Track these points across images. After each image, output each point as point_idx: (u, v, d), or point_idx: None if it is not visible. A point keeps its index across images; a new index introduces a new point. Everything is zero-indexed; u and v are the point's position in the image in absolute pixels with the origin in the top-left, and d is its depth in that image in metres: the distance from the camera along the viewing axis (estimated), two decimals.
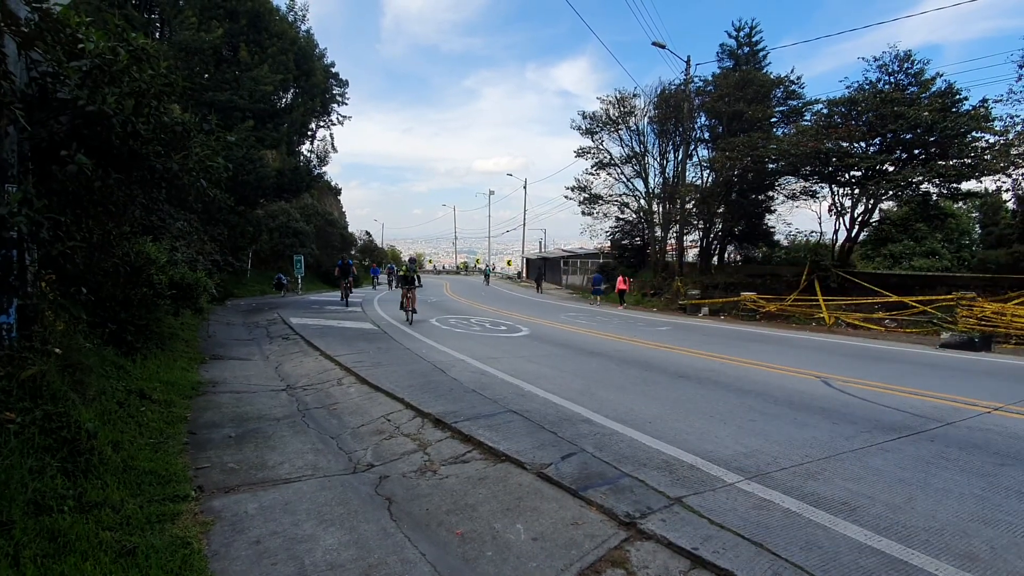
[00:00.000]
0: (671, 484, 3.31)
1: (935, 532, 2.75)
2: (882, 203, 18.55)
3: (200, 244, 12.47)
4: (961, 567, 2.41)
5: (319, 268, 34.31)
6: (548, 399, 5.39)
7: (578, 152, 27.25)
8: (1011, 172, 15.50)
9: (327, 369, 7.05)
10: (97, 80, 3.90)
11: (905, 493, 3.24)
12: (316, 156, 25.49)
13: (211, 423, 4.65)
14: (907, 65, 17.14)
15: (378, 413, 5.06)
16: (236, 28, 19.35)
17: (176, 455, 3.72)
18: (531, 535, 2.77)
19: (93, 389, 4.03)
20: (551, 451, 3.88)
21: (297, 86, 22.29)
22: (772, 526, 2.78)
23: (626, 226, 28.54)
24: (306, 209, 34.94)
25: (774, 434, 4.36)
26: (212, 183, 5.66)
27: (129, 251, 6.14)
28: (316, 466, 3.75)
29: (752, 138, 19.11)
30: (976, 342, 10.20)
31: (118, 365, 5.25)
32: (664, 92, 24.03)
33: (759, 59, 24.52)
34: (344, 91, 26.42)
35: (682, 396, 5.66)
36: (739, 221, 23.39)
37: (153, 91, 4.35)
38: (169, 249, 8.78)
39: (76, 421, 3.16)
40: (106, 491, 2.86)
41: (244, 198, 19.54)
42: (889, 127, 15.98)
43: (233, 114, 18.33)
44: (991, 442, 4.27)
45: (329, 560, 2.52)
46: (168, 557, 2.40)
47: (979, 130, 15.48)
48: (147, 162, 4.45)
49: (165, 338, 7.19)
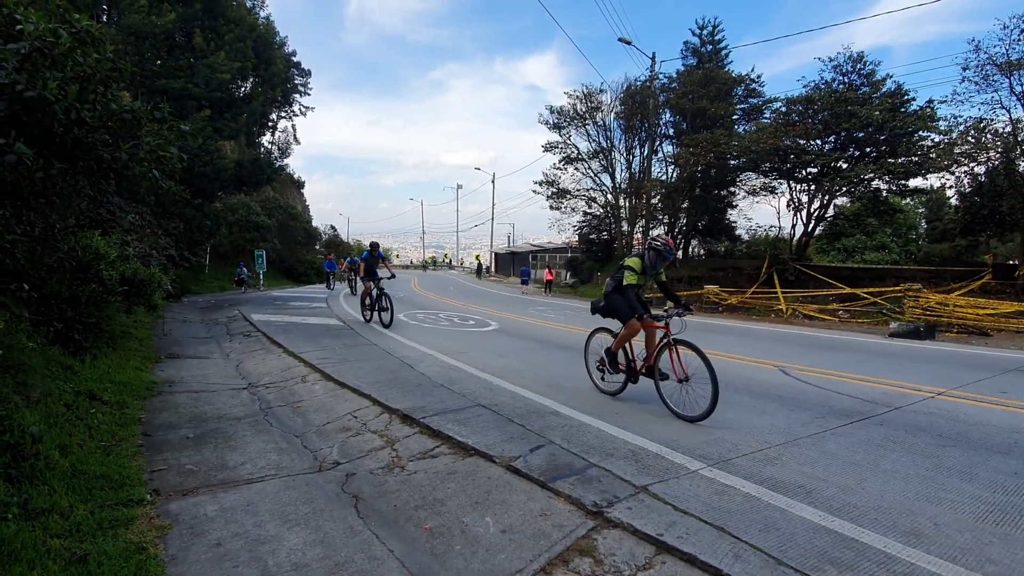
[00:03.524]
0: (637, 473, 3.37)
1: (884, 511, 2.90)
2: (836, 199, 19.35)
3: (154, 238, 11.95)
4: (907, 543, 2.55)
5: (282, 263, 33.45)
6: (517, 392, 5.41)
7: (546, 147, 27.34)
8: (954, 170, 16.40)
9: (291, 366, 6.89)
10: (37, 64, 3.67)
11: (857, 475, 3.39)
12: (277, 148, 24.84)
13: (167, 424, 4.48)
14: (860, 66, 17.88)
15: (344, 410, 4.97)
16: (190, 12, 18.54)
17: (129, 458, 3.57)
18: (500, 527, 2.78)
19: (38, 391, 3.82)
20: (520, 444, 3.90)
21: (256, 75, 21.57)
22: (733, 510, 2.87)
23: (593, 220, 28.83)
24: (267, 203, 33.94)
25: (735, 422, 4.50)
26: (165, 174, 5.42)
27: (76, 245, 5.83)
28: (280, 465, 3.66)
29: (715, 135, 19.59)
30: (922, 331, 10.76)
31: (65, 365, 4.99)
32: (630, 88, 24.34)
33: (722, 57, 25.10)
34: (307, 81, 25.76)
35: (648, 388, 5.76)
36: (703, 216, 23.99)
37: (99, 76, 4.12)
38: (120, 243, 8.38)
39: (19, 424, 2.99)
40: (54, 497, 2.72)
41: (201, 191, 18.78)
42: (843, 125, 16.64)
43: (188, 103, 17.59)
44: (935, 425, 4.52)
45: (294, 560, 2.47)
46: (122, 563, 2.30)
47: (925, 129, 16.30)
48: (94, 151, 4.21)
49: (116, 337, 6.86)
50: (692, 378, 4.52)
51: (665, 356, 4.78)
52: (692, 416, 4.42)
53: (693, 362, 4.53)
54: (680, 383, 4.58)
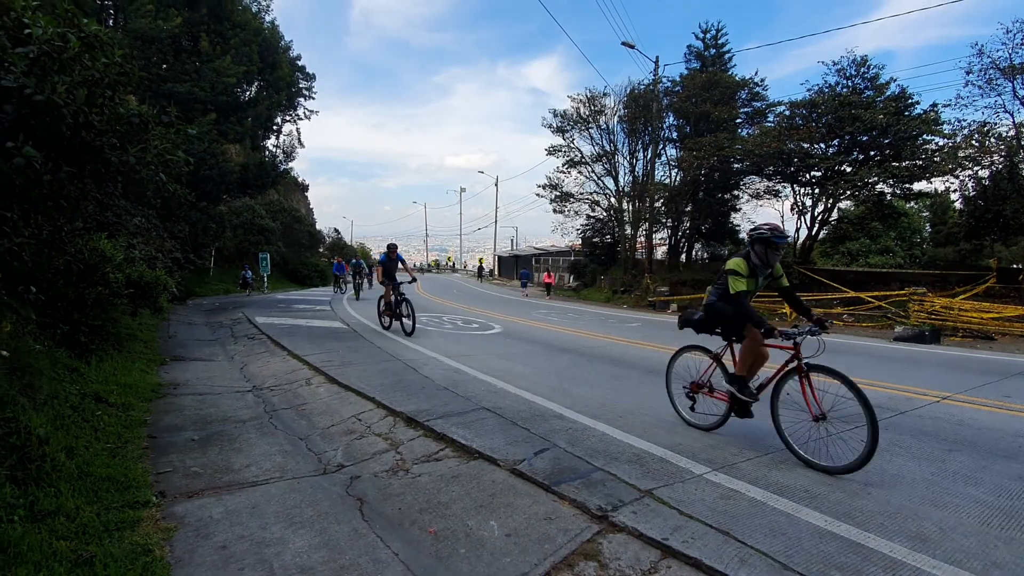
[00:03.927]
0: (642, 477, 3.36)
1: (889, 516, 2.88)
2: (840, 202, 19.32)
3: (159, 241, 11.99)
4: (913, 548, 2.54)
5: (286, 266, 33.53)
6: (521, 396, 5.40)
7: (549, 150, 27.41)
8: (958, 173, 16.35)
9: (295, 369, 6.90)
10: (46, 68, 3.71)
11: (862, 479, 3.38)
12: (282, 151, 24.85)
13: (173, 426, 4.49)
14: (863, 70, 17.87)
15: (348, 413, 4.98)
16: (196, 17, 18.66)
17: (135, 460, 3.58)
18: (505, 531, 2.78)
19: (44, 393, 3.84)
20: (524, 447, 3.90)
21: (262, 79, 21.67)
22: (739, 515, 2.86)
23: (597, 224, 28.84)
24: (272, 205, 34.05)
25: (739, 427, 4.48)
26: (172, 178, 5.45)
27: (82, 248, 5.86)
28: (284, 468, 3.67)
29: (718, 138, 19.59)
30: (926, 335, 10.72)
31: (71, 368, 5.01)
32: (633, 92, 24.38)
33: (725, 61, 25.15)
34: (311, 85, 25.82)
35: (652, 391, 5.75)
36: (706, 219, 23.97)
37: (107, 80, 4.16)
38: (126, 246, 8.41)
39: (26, 426, 3.00)
40: (60, 499, 2.73)
41: (206, 194, 18.87)
42: (847, 129, 16.63)
43: (194, 107, 17.69)
44: (940, 430, 4.50)
45: (299, 563, 2.48)
46: (128, 565, 2.31)
47: (929, 133, 16.27)
48: (101, 155, 4.25)
49: (122, 339, 6.89)
50: (831, 413, 3.57)
51: (790, 385, 3.80)
52: (836, 466, 3.44)
53: (824, 389, 3.63)
54: (816, 421, 3.60)
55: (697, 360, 4.59)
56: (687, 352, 4.69)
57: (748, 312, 3.85)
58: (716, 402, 4.34)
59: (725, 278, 4.05)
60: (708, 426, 4.38)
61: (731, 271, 3.96)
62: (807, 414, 3.65)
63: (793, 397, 3.74)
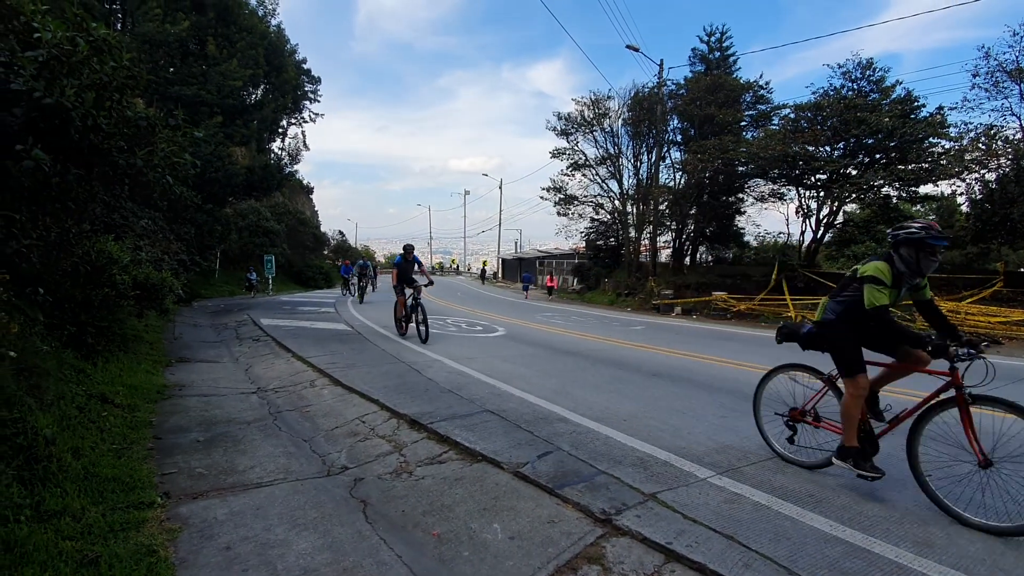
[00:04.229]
0: (645, 480, 3.35)
1: (895, 521, 2.87)
2: (846, 205, 19.26)
3: (166, 243, 12.06)
4: (919, 553, 2.52)
5: (291, 268, 33.65)
6: (524, 398, 5.40)
7: (553, 153, 27.40)
8: (965, 177, 16.26)
9: (299, 371, 6.92)
10: (55, 71, 3.75)
11: (867, 484, 3.35)
12: (287, 154, 25.09)
13: (178, 427, 4.51)
14: (869, 72, 17.83)
15: (352, 415, 4.99)
16: (203, 21, 18.85)
17: (140, 461, 3.60)
18: (508, 534, 2.77)
19: (51, 393, 3.86)
20: (527, 450, 3.89)
21: (268, 82, 21.85)
22: (743, 519, 2.84)
23: (601, 227, 28.83)
24: (277, 208, 34.22)
25: (744, 430, 4.46)
26: (178, 180, 5.49)
27: (90, 250, 5.91)
28: (288, 470, 3.67)
29: (723, 141, 19.57)
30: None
31: (78, 369, 5.05)
32: (638, 95, 24.37)
33: (729, 64, 25.13)
34: (316, 88, 26.04)
35: (656, 394, 5.75)
36: (710, 222, 23.92)
37: (115, 84, 4.20)
38: (133, 248, 8.47)
39: (33, 427, 3.02)
40: (66, 499, 2.74)
41: (212, 196, 19.01)
42: (852, 132, 16.58)
43: (200, 109, 17.85)
44: (947, 434, 4.46)
45: (303, 564, 2.48)
46: (133, 566, 2.32)
47: (935, 136, 16.21)
48: (109, 157, 4.29)
49: (128, 340, 6.93)
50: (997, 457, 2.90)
51: (944, 419, 3.08)
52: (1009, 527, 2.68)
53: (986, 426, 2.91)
54: (982, 468, 2.88)
55: (805, 382, 3.85)
56: (788, 372, 3.90)
57: (901, 329, 3.07)
58: (824, 432, 3.60)
59: (855, 286, 3.28)
60: (814, 464, 3.58)
61: (870, 278, 3.12)
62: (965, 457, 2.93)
63: (942, 433, 3.08)
